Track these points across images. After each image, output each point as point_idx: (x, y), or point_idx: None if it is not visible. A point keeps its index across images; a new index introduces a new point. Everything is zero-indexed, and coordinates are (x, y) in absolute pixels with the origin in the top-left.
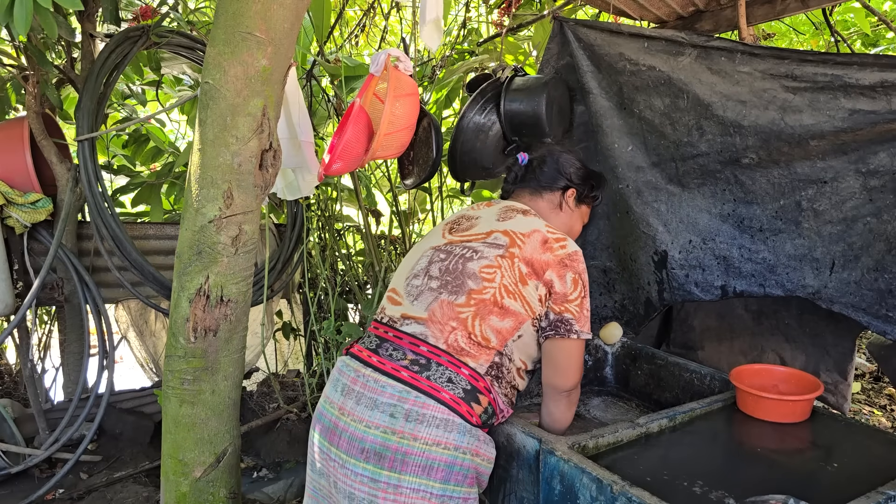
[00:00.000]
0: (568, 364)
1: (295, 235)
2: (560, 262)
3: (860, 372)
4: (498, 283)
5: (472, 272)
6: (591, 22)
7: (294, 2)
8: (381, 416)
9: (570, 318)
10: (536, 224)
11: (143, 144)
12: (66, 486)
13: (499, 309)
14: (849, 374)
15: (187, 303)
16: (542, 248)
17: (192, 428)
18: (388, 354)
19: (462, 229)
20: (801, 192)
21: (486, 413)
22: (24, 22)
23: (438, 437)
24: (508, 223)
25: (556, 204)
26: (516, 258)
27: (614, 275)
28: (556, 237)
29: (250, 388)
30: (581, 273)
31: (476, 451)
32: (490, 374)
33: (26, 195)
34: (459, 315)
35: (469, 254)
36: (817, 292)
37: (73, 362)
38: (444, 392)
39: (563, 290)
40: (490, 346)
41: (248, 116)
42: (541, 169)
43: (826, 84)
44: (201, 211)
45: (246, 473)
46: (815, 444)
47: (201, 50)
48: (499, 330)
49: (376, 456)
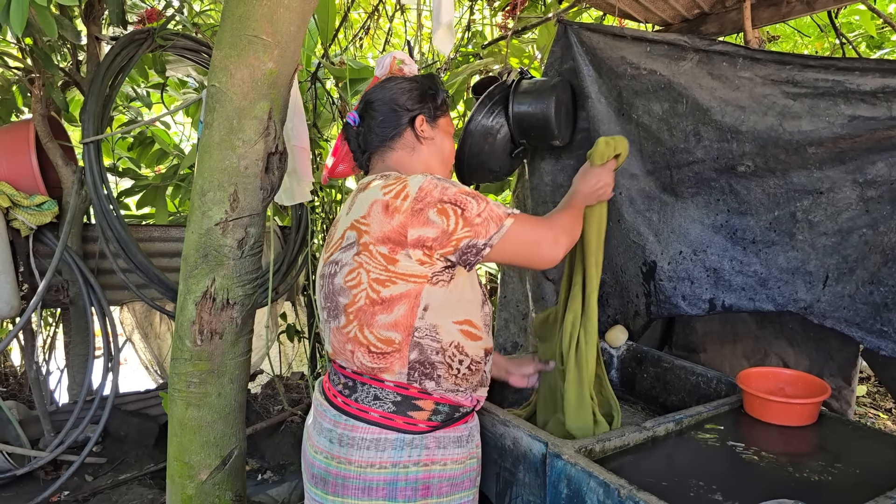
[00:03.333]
0: (525, 257)
1: (299, 238)
2: (413, 212)
3: (865, 375)
4: (367, 283)
5: (339, 288)
6: (594, 25)
7: (300, 5)
8: (324, 442)
9: (466, 242)
10: (373, 194)
11: (148, 147)
12: (71, 488)
13: (380, 305)
14: (853, 379)
15: (193, 305)
16: (386, 216)
17: (198, 431)
18: (331, 379)
19: (329, 242)
20: (797, 203)
21: (438, 413)
22: (20, 21)
23: (371, 458)
24: (352, 213)
25: (411, 145)
26: (370, 245)
27: (608, 288)
28: (395, 192)
29: (255, 390)
30: (441, 197)
31: (429, 459)
32: (414, 376)
33: (32, 197)
34: (348, 336)
35: (333, 269)
36: (809, 307)
37: (78, 364)
38: (371, 412)
39: (438, 231)
40: (395, 347)
41: (255, 119)
42: (373, 119)
43: (827, 90)
44: (207, 214)
45: (250, 476)
46: (823, 447)
47: (206, 52)
48: (394, 323)
49: (322, 481)
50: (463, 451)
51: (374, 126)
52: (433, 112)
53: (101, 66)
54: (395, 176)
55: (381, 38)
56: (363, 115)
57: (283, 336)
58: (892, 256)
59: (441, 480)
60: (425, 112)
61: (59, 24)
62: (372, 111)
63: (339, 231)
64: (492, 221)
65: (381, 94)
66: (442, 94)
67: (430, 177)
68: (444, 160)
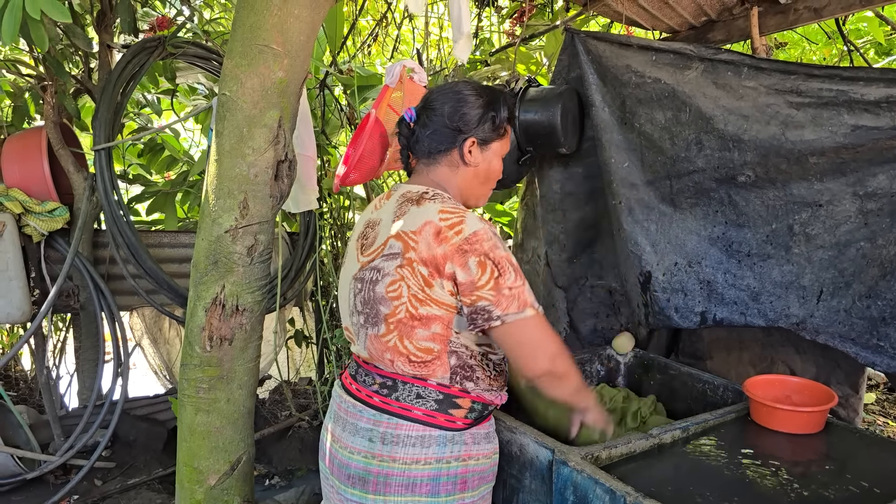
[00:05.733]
0: (520, 351)
1: (308, 244)
2: (458, 250)
3: (874, 382)
4: (406, 297)
5: (381, 296)
6: (601, 34)
7: (310, 14)
8: (362, 442)
9: (484, 305)
10: (428, 213)
11: (158, 153)
12: (81, 493)
13: (419, 321)
14: (860, 386)
15: (203, 312)
16: (436, 241)
17: (207, 436)
18: (362, 380)
19: (368, 245)
20: (795, 216)
21: (473, 411)
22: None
23: (417, 455)
24: (401, 222)
25: (455, 164)
26: (414, 262)
27: (618, 296)
28: (451, 222)
29: (262, 395)
30: (488, 252)
31: (466, 455)
32: (456, 378)
33: (44, 204)
34: (388, 345)
35: (375, 276)
36: (801, 322)
37: (87, 369)
38: (414, 410)
39: (468, 279)
40: (435, 355)
41: (265, 128)
42: (426, 127)
43: (830, 99)
44: (217, 221)
45: (258, 481)
46: (830, 455)
47: (216, 60)
48: (432, 337)
49: (361, 481)
50: (490, 447)
51: (424, 136)
52: (488, 135)
53: (112, 73)
54: (453, 205)
55: (390, 46)
56: (419, 117)
57: (291, 341)
58: (890, 270)
59: (475, 474)
60: (478, 135)
61: (72, 33)
62: (426, 119)
63: (382, 237)
64: (517, 301)
65: (441, 105)
66: (502, 116)
67: (488, 227)
68: (486, 181)
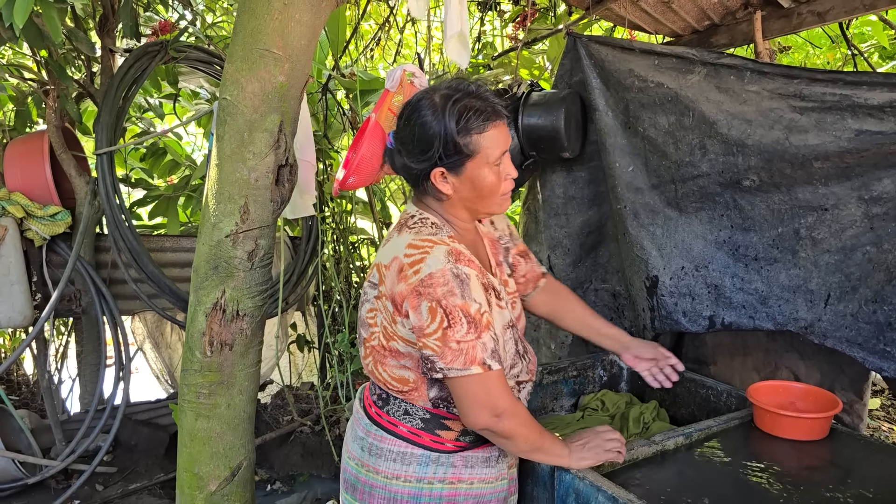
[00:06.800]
0: (460, 403)
1: (310, 248)
2: (413, 291)
3: (879, 388)
4: (379, 327)
5: (363, 319)
6: (603, 38)
7: (311, 19)
8: (357, 449)
9: (429, 354)
10: (398, 247)
11: (160, 157)
12: (82, 497)
13: (390, 353)
14: (865, 392)
15: (203, 317)
16: (398, 278)
17: (208, 442)
18: (370, 389)
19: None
20: (801, 220)
21: (467, 434)
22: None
23: (397, 470)
24: (383, 250)
25: (436, 195)
26: (384, 297)
27: (622, 300)
28: (413, 259)
29: (264, 400)
30: (440, 299)
31: (455, 478)
32: (441, 406)
33: (46, 208)
34: (368, 367)
35: (363, 297)
36: (810, 326)
37: (89, 373)
38: (401, 426)
39: (418, 323)
40: (412, 386)
41: (265, 132)
42: (395, 163)
43: (834, 104)
44: (218, 226)
45: (260, 486)
46: (834, 462)
47: (218, 64)
48: (406, 368)
49: (351, 487)
50: (492, 472)
51: (398, 167)
52: (453, 158)
53: (114, 77)
54: (425, 237)
55: (392, 49)
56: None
57: (292, 346)
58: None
59: (467, 499)
60: (441, 163)
61: (74, 37)
62: (396, 150)
63: (376, 259)
64: (463, 357)
65: (403, 129)
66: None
67: (450, 267)
68: (482, 197)
